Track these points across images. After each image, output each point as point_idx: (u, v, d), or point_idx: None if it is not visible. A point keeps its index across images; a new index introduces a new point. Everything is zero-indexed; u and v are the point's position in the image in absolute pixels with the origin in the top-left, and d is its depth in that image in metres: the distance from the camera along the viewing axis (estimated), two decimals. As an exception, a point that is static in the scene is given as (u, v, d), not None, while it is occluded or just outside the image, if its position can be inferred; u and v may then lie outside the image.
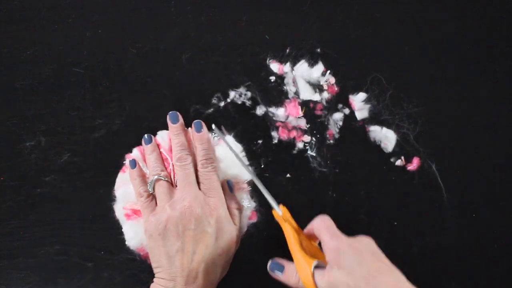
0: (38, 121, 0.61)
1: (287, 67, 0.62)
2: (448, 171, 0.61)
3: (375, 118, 0.62)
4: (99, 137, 0.61)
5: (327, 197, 0.61)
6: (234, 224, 0.57)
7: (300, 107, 0.62)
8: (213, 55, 0.63)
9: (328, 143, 0.61)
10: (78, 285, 0.59)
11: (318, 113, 0.62)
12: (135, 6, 0.63)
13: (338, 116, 0.62)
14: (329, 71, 0.62)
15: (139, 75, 0.62)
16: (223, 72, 0.62)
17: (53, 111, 0.61)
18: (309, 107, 0.62)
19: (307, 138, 0.62)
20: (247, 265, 0.58)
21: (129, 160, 0.59)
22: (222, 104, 0.62)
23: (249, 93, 0.62)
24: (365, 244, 0.50)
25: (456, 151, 0.62)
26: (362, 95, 0.62)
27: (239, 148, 0.61)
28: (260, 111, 0.62)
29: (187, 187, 0.56)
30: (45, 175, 0.60)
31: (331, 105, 0.62)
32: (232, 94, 0.62)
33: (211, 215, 0.55)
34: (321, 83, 0.62)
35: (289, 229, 0.54)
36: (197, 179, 0.57)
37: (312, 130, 0.62)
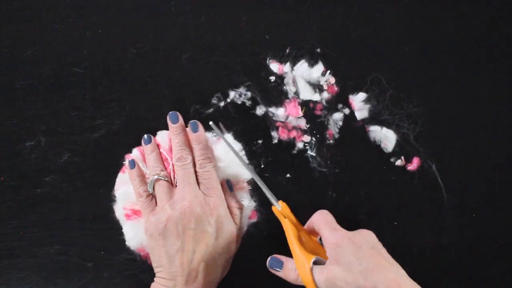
0: (38, 121, 0.61)
1: (287, 67, 0.62)
2: (448, 171, 0.61)
3: (375, 118, 0.62)
4: (99, 137, 0.61)
5: (327, 197, 0.61)
6: (234, 223, 0.57)
7: (300, 107, 0.62)
8: (213, 55, 0.63)
9: (328, 143, 0.61)
10: (78, 285, 0.59)
11: (318, 113, 0.62)
12: (135, 6, 0.63)
13: (338, 116, 0.62)
14: (329, 71, 0.62)
15: (139, 75, 0.62)
16: (223, 72, 0.62)
17: (53, 111, 0.61)
18: (309, 107, 0.62)
19: (307, 138, 0.62)
20: (247, 265, 0.58)
21: (128, 160, 0.59)
22: (222, 104, 0.62)
23: (249, 93, 0.62)
24: (365, 237, 0.50)
25: (456, 151, 0.62)
26: (362, 95, 0.62)
27: (239, 146, 0.61)
28: (260, 111, 0.62)
29: (187, 187, 0.56)
30: (45, 175, 0.60)
31: (331, 105, 0.62)
32: (232, 94, 0.62)
33: (211, 214, 0.55)
34: (321, 83, 0.62)
35: (289, 225, 0.54)
36: (197, 180, 0.57)
37: (312, 130, 0.62)
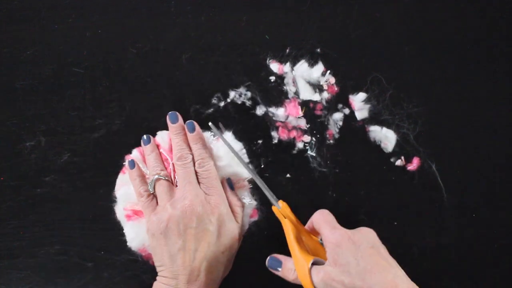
0: (38, 121, 0.61)
1: (287, 67, 0.62)
2: (448, 171, 0.61)
3: (375, 118, 0.62)
4: (99, 137, 0.61)
5: (327, 197, 0.61)
6: (236, 221, 0.57)
7: (300, 107, 0.62)
8: (213, 55, 0.63)
9: (328, 143, 0.61)
10: (78, 285, 0.59)
11: (318, 113, 0.62)
12: (135, 6, 0.63)
13: (338, 116, 0.62)
14: (329, 71, 0.62)
15: (139, 75, 0.62)
16: (223, 72, 0.62)
17: (53, 111, 0.61)
18: (309, 107, 0.62)
19: (307, 138, 0.62)
20: (248, 264, 0.58)
21: (128, 161, 0.59)
22: (222, 104, 0.62)
23: (249, 93, 0.62)
24: (365, 236, 0.50)
25: (456, 151, 0.62)
26: (362, 95, 0.62)
27: (239, 145, 0.61)
28: (260, 111, 0.62)
29: (187, 186, 0.56)
30: (45, 175, 0.60)
31: (331, 105, 0.62)
32: (232, 94, 0.62)
33: (212, 213, 0.55)
34: (321, 83, 0.62)
35: (288, 225, 0.54)
36: (197, 179, 0.57)
37: (312, 130, 0.62)
